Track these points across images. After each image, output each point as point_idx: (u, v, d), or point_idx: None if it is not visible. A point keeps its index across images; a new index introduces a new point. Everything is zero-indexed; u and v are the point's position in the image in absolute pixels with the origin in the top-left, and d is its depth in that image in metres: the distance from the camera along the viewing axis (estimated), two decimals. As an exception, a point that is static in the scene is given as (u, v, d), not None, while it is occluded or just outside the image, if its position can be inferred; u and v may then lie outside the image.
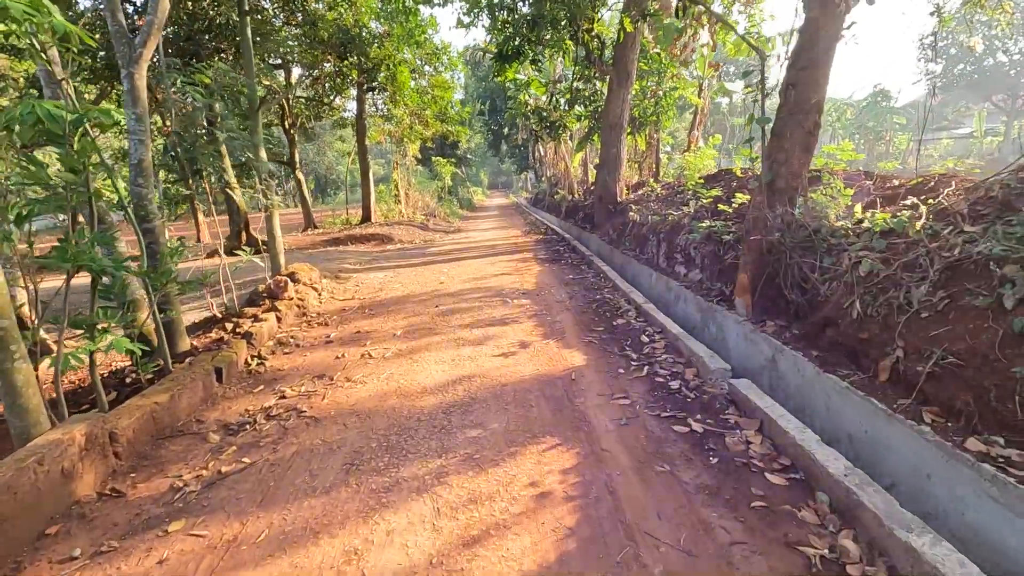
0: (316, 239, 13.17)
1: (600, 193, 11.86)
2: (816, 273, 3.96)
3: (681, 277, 6.65)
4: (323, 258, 10.60)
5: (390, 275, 8.80)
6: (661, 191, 10.10)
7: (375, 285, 7.98)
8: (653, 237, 8.11)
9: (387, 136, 19.07)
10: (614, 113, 11.24)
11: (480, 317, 5.79)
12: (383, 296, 7.16)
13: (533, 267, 9.04)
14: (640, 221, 9.10)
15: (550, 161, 22.41)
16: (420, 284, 7.90)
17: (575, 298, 6.53)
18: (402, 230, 14.99)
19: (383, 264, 10.13)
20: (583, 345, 4.70)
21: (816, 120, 4.54)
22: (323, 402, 3.73)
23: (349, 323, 5.84)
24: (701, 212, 6.85)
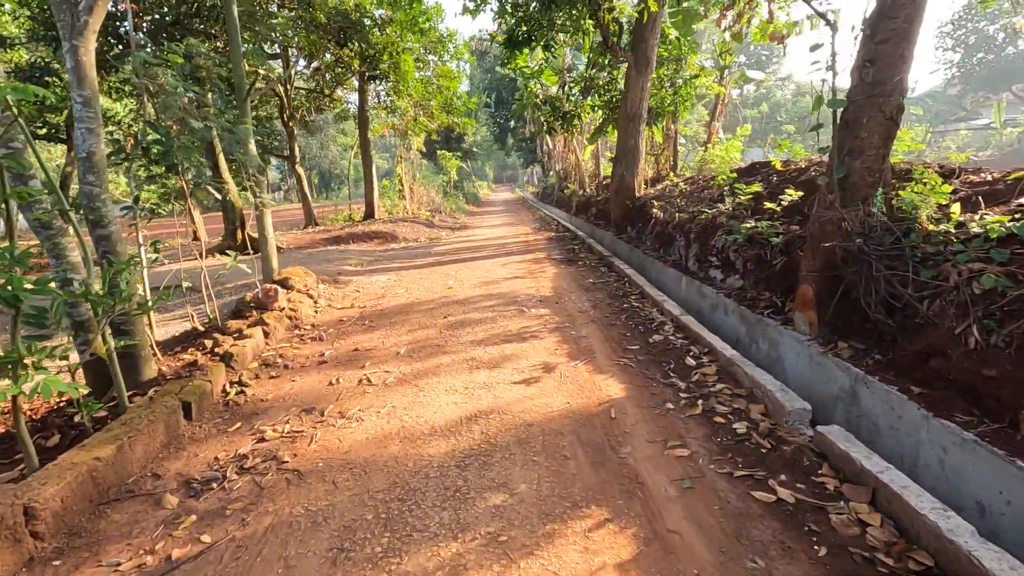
0: (316, 237, 12.51)
1: (616, 188, 11.12)
2: (910, 288, 3.24)
3: (717, 283, 5.95)
4: (322, 259, 9.94)
5: (393, 278, 8.12)
6: (684, 186, 9.36)
7: (377, 290, 7.31)
8: (680, 237, 7.40)
9: (391, 129, 18.36)
10: (632, 102, 10.48)
11: (495, 331, 5.10)
12: (385, 304, 6.48)
13: (548, 269, 8.34)
14: (664, 219, 8.38)
15: (559, 154, 21.64)
16: (426, 289, 7.22)
17: (599, 307, 5.83)
18: (407, 227, 14.30)
19: (386, 265, 9.46)
20: (618, 369, 4.01)
21: (899, 103, 3.80)
22: (310, 447, 3.06)
23: (346, 338, 5.17)
24: (740, 210, 6.12)
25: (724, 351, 3.98)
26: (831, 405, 3.60)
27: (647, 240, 9.27)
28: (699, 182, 9.23)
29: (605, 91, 12.85)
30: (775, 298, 4.77)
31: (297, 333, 5.33)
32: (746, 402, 3.31)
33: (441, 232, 15.14)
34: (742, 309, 4.89)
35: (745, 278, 5.46)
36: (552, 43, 10.96)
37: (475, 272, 8.36)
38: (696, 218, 7.08)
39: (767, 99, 39.70)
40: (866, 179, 3.78)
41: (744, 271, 5.48)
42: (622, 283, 7.03)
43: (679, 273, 6.68)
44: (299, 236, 12.60)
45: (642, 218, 9.93)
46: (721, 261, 5.96)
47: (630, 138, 10.69)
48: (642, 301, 6.00)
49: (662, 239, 8.28)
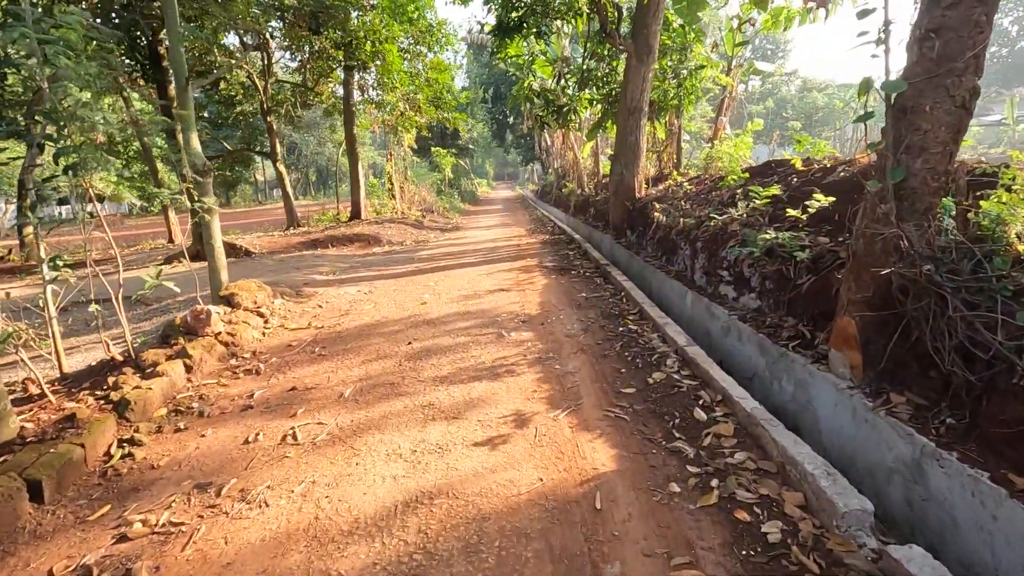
0: (293, 241, 11.69)
1: (615, 188, 10.27)
2: (1000, 333, 2.39)
3: (729, 301, 5.12)
4: (293, 266, 9.12)
5: (364, 291, 7.29)
6: (689, 187, 8.50)
7: (342, 306, 6.47)
8: (686, 245, 6.55)
9: (380, 124, 17.51)
10: (632, 95, 9.62)
11: (464, 363, 4.27)
12: (346, 324, 5.65)
13: (538, 279, 7.50)
14: (667, 223, 7.53)
15: (557, 151, 20.78)
16: (397, 305, 6.38)
17: (591, 330, 4.99)
18: (393, 229, 13.47)
19: (361, 274, 8.62)
20: (609, 423, 3.17)
21: (973, 86, 2.96)
22: (182, 555, 2.23)
23: (288, 370, 4.34)
24: (755, 217, 5.26)
25: (743, 402, 3.14)
26: (882, 477, 2.78)
27: (648, 246, 8.42)
28: (706, 182, 8.37)
29: (604, 83, 11.97)
30: (802, 326, 3.93)
31: (231, 364, 4.49)
32: (778, 486, 2.47)
33: (430, 234, 14.30)
34: (761, 337, 4.06)
35: (763, 298, 4.62)
36: (545, 30, 10.09)
37: (457, 283, 7.51)
38: (704, 224, 6.23)
39: (773, 95, 38.72)
40: (930, 184, 2.92)
41: (762, 290, 4.63)
42: (619, 298, 6.19)
43: (684, 287, 5.85)
44: (275, 239, 11.78)
45: (643, 221, 9.09)
46: (734, 276, 5.12)
47: (630, 133, 9.83)
48: (641, 323, 5.15)
49: (665, 246, 7.43)
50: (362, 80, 14.57)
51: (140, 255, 12.32)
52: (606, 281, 7.23)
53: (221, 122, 18.39)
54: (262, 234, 14.31)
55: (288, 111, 17.34)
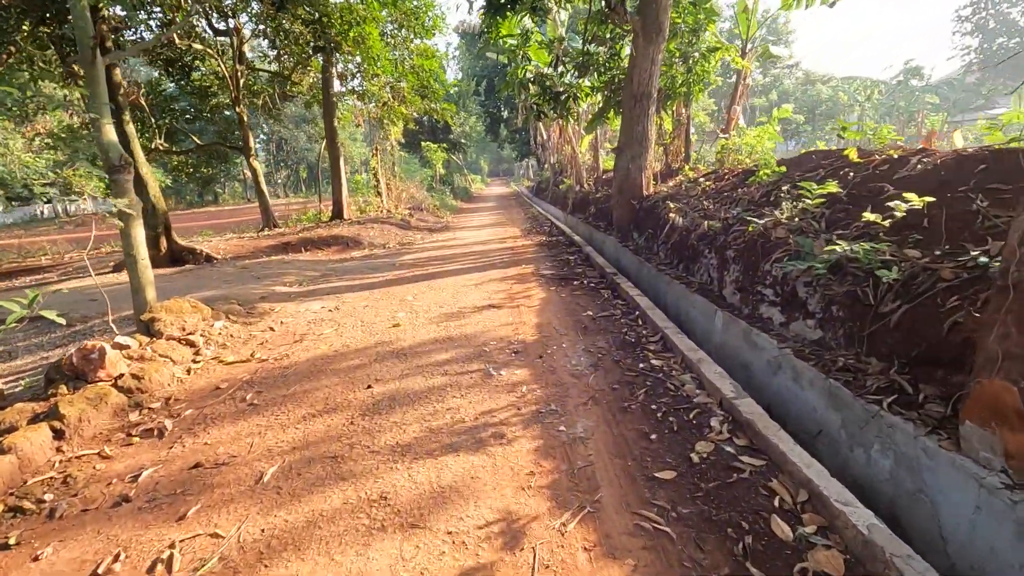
0: (262, 244, 10.53)
1: (620, 184, 9.19)
2: None
3: (775, 327, 4.07)
4: (255, 275, 7.99)
5: (330, 307, 6.18)
6: (707, 183, 7.43)
7: (299, 328, 5.36)
8: (711, 252, 5.49)
9: (364, 117, 16.34)
10: (640, 79, 8.53)
11: (437, 422, 3.18)
12: (297, 356, 4.54)
13: (535, 292, 6.41)
14: (684, 225, 6.47)
15: (554, 146, 19.66)
16: (365, 326, 5.28)
17: (603, 368, 3.91)
18: (375, 230, 12.33)
19: (332, 284, 7.50)
20: (644, 545, 2.08)
21: None
22: None
23: (202, 431, 3.24)
24: (808, 221, 4.19)
25: (850, 514, 2.06)
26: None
27: (660, 251, 7.36)
28: (727, 177, 7.30)
29: (605, 69, 10.85)
30: (896, 374, 2.87)
31: (129, 421, 3.38)
32: None
33: (416, 235, 13.17)
34: (833, 384, 3.01)
35: (826, 328, 3.56)
36: (541, 7, 8.97)
37: (440, 296, 6.41)
38: (735, 228, 5.16)
39: (775, 87, 37.66)
40: None
41: (825, 317, 3.57)
42: (633, 319, 5.11)
43: (711, 305, 4.79)
44: (242, 243, 10.64)
45: (652, 222, 8.02)
46: (782, 296, 4.05)
47: (637, 123, 8.74)
48: (666, 356, 4.08)
49: (682, 252, 6.36)
50: (345, 69, 13.39)
51: (96, 259, 11.15)
52: (614, 295, 6.15)
53: (195, 115, 17.16)
54: (234, 236, 13.15)
55: (266, 103, 16.15)
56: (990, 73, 35.30)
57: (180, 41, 10.99)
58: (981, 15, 34.30)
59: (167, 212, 9.39)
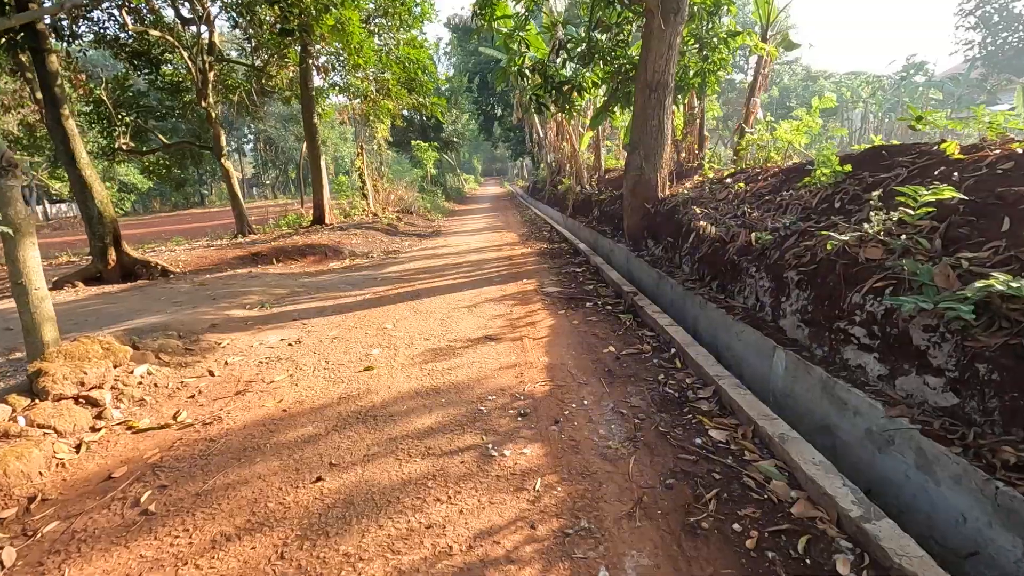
0: (229, 255, 9.37)
1: (632, 186, 8.13)
2: None
3: (870, 379, 3.04)
4: (211, 294, 6.86)
5: (292, 339, 5.06)
6: (739, 185, 6.38)
7: (245, 372, 4.25)
8: (760, 271, 4.44)
9: (349, 114, 15.19)
10: (655, 67, 7.48)
11: (411, 557, 2.09)
12: (232, 419, 3.43)
13: (539, 317, 5.34)
14: (717, 235, 5.42)
15: (551, 144, 18.59)
16: (328, 371, 4.17)
17: (645, 443, 2.83)
18: (358, 237, 11.21)
19: (300, 306, 6.38)
20: None
21: None
22: None
23: (58, 568, 2.14)
24: (914, 239, 3.13)
25: None
26: None
27: (683, 263, 6.31)
28: (763, 178, 6.24)
29: (611, 58, 9.77)
30: None
31: (-48, 550, 2.27)
32: None
33: (404, 242, 12.04)
34: (1007, 494, 1.95)
35: (967, 393, 2.52)
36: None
37: (426, 323, 5.32)
38: (794, 241, 4.11)
39: (776, 83, 36.76)
40: None
41: (966, 378, 2.52)
42: (669, 359, 4.04)
43: (766, 340, 3.76)
44: (207, 253, 9.47)
45: (672, 229, 6.97)
46: (883, 339, 3.00)
47: (651, 116, 7.69)
48: (726, 422, 3.00)
49: (715, 267, 5.31)
50: (326, 60, 12.25)
51: (44, 273, 9.94)
52: (638, 321, 5.08)
53: (165, 112, 15.95)
54: (203, 243, 11.97)
55: (243, 99, 14.97)
56: (994, 68, 34.57)
57: (133, 27, 9.82)
58: (985, 8, 33.51)
59: (116, 220, 8.22)
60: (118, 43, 13.56)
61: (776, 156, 7.63)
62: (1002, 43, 33.79)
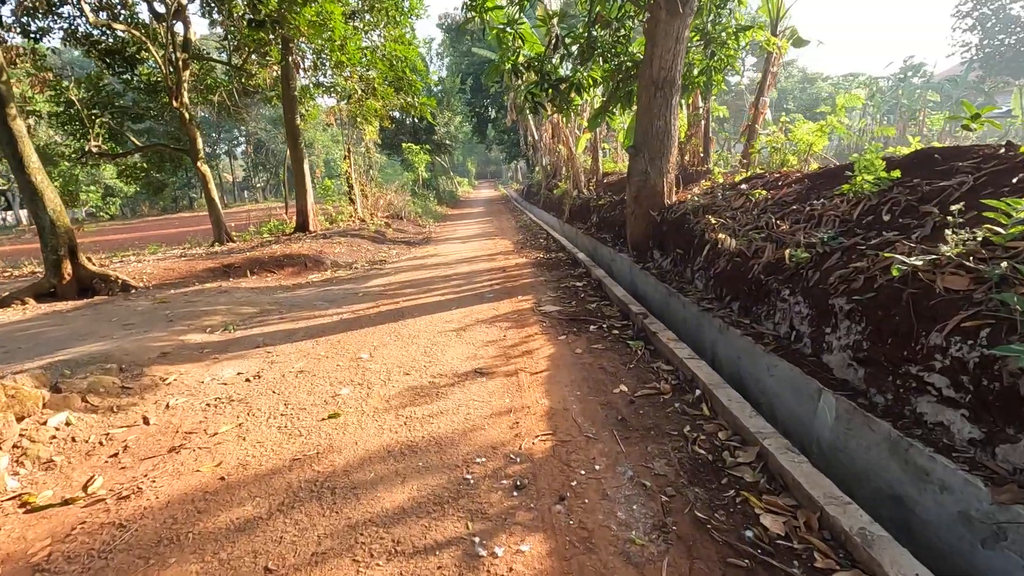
0: (199, 266, 8.64)
1: (636, 191, 7.50)
2: None
3: (961, 442, 2.38)
4: (171, 314, 6.15)
5: (251, 372, 4.37)
6: (762, 192, 5.75)
7: (187, 418, 3.56)
8: (794, 294, 3.82)
9: (335, 115, 14.50)
10: (661, 62, 6.87)
11: None
12: (156, 491, 2.74)
13: (537, 344, 4.68)
14: (739, 249, 4.80)
15: (546, 146, 17.97)
16: (285, 419, 3.49)
17: (679, 536, 2.16)
18: (342, 246, 10.50)
19: (268, 328, 5.69)
20: None
21: None
22: None
23: None
24: (1013, 265, 2.49)
25: None
26: None
27: (696, 279, 5.69)
28: (785, 184, 5.62)
29: (612, 55, 9.15)
30: None
31: None
32: None
33: (392, 250, 11.35)
34: None
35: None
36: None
37: (407, 352, 4.65)
38: (837, 260, 3.49)
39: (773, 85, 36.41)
40: None
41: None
42: (694, 402, 3.39)
43: (808, 379, 3.16)
44: (176, 264, 8.73)
45: (682, 239, 6.35)
46: (978, 394, 2.36)
47: (657, 116, 7.07)
48: (778, 500, 2.35)
49: (736, 286, 4.69)
50: (311, 59, 11.54)
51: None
52: (650, 350, 4.43)
53: (141, 114, 15.20)
54: (182, 252, 11.22)
55: (223, 100, 14.24)
56: (992, 70, 34.33)
57: (95, 20, 9.10)
58: (982, 11, 33.28)
59: (72, 230, 7.47)
60: (89, 40, 12.83)
61: (793, 159, 7.03)
62: (999, 45, 33.56)
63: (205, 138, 54.43)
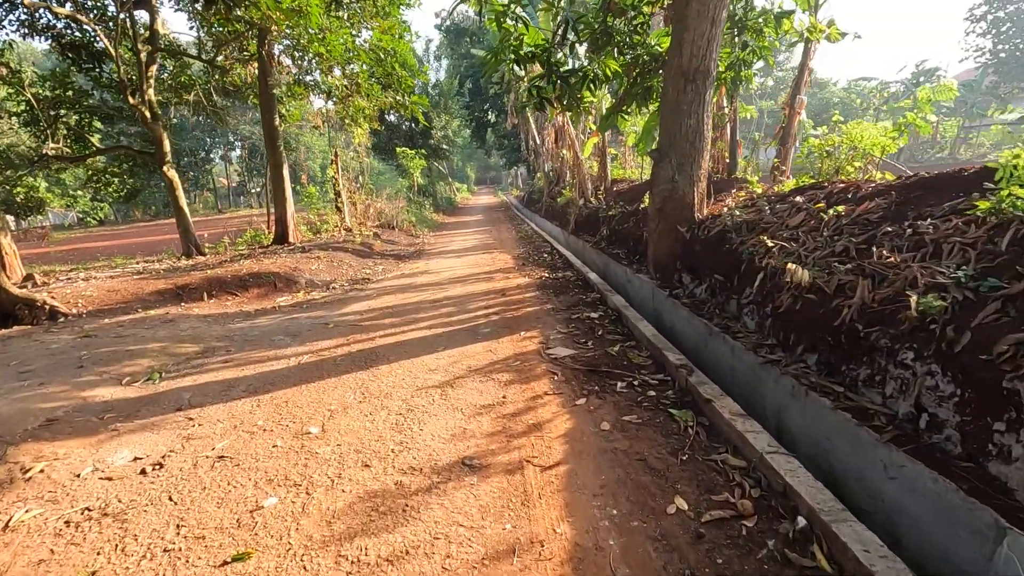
0: (148, 287, 7.42)
1: (662, 203, 6.34)
2: None
3: None
4: (89, 355, 4.94)
5: (152, 460, 3.16)
6: (839, 209, 4.57)
7: (23, 556, 2.36)
8: (929, 363, 2.60)
9: (323, 116, 13.35)
10: (693, 49, 5.75)
11: None
12: None
13: (549, 416, 3.48)
14: (816, 283, 3.63)
15: (549, 151, 16.83)
16: (166, 562, 2.29)
17: None
18: (322, 261, 9.31)
19: (204, 375, 4.48)
20: None
21: None
22: None
23: None
24: None
25: None
26: None
27: (746, 315, 4.51)
28: (857, 196, 4.44)
29: (627, 46, 8.00)
30: None
31: None
32: None
33: (378, 266, 10.15)
34: None
35: None
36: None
37: (372, 425, 3.45)
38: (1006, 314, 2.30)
39: (782, 90, 35.31)
40: None
41: None
42: (797, 539, 2.18)
43: (980, 509, 1.90)
44: (122, 284, 7.50)
45: (720, 262, 5.19)
46: None
47: (688, 114, 5.93)
48: None
49: (814, 333, 3.51)
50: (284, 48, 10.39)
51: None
52: (704, 426, 3.24)
53: (112, 113, 14.03)
54: (142, 267, 10.02)
55: (199, 98, 13.09)
56: (1007, 75, 33.32)
57: (30, 1, 7.96)
58: (996, 14, 32.31)
59: None
60: (49, 31, 11.72)
61: (851, 167, 5.88)
62: (1014, 50, 32.57)
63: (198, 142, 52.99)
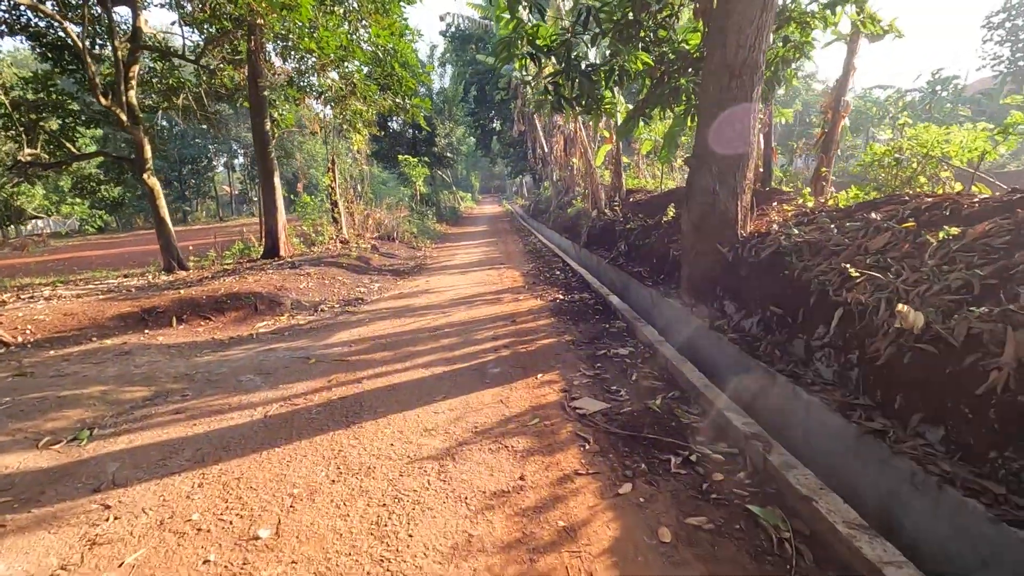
0: (108, 311, 6.54)
1: (699, 218, 5.45)
2: None
3: None
4: (10, 401, 4.07)
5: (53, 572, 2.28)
6: (953, 230, 3.67)
7: None
8: None
9: (319, 121, 12.57)
10: (739, 38, 4.90)
11: None
12: None
13: (582, 514, 2.57)
14: (931, 330, 2.70)
15: (558, 159, 16.00)
16: None
17: None
18: (312, 278, 8.45)
19: (144, 435, 3.60)
20: None
21: None
22: None
23: None
24: None
25: None
26: None
27: (818, 360, 3.58)
28: (964, 214, 3.55)
29: (653, 41, 7.15)
30: None
31: None
32: None
33: (375, 283, 9.28)
34: None
35: None
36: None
37: (344, 525, 2.55)
38: None
39: (796, 98, 34.50)
40: None
41: None
42: None
43: None
44: (82, 306, 6.60)
45: (776, 290, 4.28)
46: None
47: (736, 118, 5.05)
48: None
49: (940, 399, 2.58)
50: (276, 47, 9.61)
51: None
52: (804, 536, 2.32)
53: (99, 118, 13.29)
54: (118, 283, 9.17)
55: (188, 102, 12.33)
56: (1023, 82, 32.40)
57: None
58: (1015, 22, 31.48)
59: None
60: (27, 30, 11.02)
61: (924, 178, 5.00)
62: (1033, 57, 31.69)
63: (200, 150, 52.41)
